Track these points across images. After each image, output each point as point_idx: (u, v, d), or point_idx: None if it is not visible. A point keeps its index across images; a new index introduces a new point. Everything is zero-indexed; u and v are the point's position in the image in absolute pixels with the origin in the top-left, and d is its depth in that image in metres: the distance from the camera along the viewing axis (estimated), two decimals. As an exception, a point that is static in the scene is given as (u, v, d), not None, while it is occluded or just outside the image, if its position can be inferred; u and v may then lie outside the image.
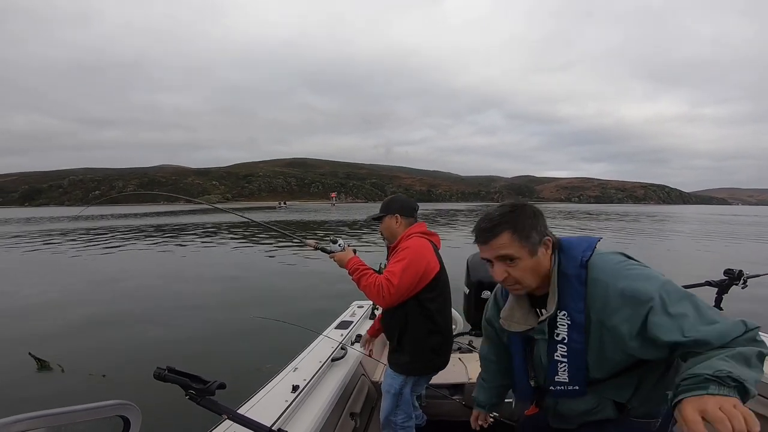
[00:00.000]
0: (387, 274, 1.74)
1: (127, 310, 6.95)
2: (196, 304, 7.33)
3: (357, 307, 3.02)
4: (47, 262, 13.06)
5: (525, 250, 1.05)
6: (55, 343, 5.27)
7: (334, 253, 1.93)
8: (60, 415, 0.70)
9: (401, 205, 1.99)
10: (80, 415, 0.74)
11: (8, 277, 10.27)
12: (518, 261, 1.05)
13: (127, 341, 5.38)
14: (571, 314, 1.06)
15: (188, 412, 1.16)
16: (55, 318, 6.51)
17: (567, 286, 1.06)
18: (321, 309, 6.04)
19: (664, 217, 50.20)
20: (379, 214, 2.00)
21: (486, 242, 1.07)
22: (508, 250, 1.05)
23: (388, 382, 1.95)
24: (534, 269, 1.07)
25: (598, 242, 1.10)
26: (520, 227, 1.05)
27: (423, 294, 1.81)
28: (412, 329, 1.85)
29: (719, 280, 2.46)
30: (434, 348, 1.88)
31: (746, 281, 2.40)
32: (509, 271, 1.06)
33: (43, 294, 8.22)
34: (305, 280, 9.27)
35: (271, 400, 1.59)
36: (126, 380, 4.05)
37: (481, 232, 1.08)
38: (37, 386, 4.07)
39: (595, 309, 1.02)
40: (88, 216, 49.98)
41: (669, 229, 26.77)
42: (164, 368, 1.06)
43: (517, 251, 1.05)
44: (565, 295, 1.06)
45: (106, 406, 0.80)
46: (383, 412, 1.94)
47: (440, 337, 1.88)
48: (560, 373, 1.12)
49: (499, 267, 1.07)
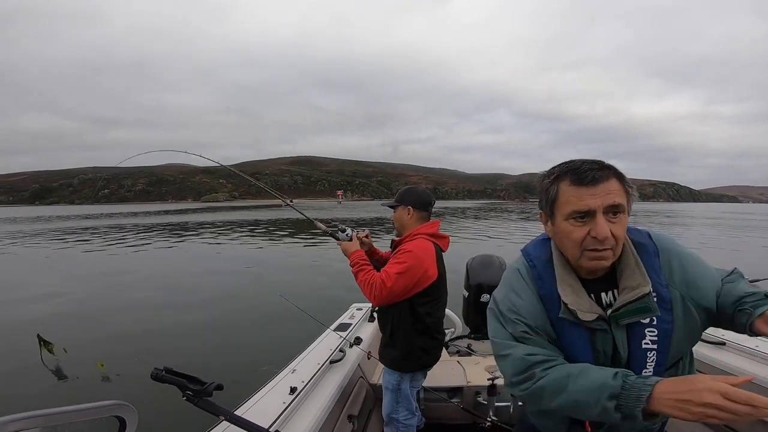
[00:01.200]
0: (383, 274, 1.77)
1: (125, 305, 7.04)
2: (201, 299, 7.39)
3: (356, 309, 3.01)
4: (78, 260, 13.15)
5: (626, 203, 0.89)
6: (55, 336, 5.23)
7: (341, 242, 2.00)
8: (55, 415, 0.70)
9: (416, 198, 1.97)
10: (76, 415, 0.74)
11: (16, 273, 10.41)
12: (621, 216, 0.88)
13: (126, 339, 5.39)
14: (657, 289, 0.90)
15: (185, 413, 1.17)
16: (55, 314, 6.60)
17: (644, 257, 0.93)
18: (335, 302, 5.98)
19: (674, 214, 49.42)
20: (393, 203, 2.01)
21: (596, 183, 0.86)
22: (618, 198, 0.86)
23: (386, 378, 2.00)
24: (624, 228, 0.90)
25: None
26: (623, 180, 0.89)
27: (415, 298, 1.84)
28: (403, 327, 1.89)
29: None
30: (423, 347, 1.91)
31: None
32: (612, 229, 0.86)
33: (51, 289, 8.34)
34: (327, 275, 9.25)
35: (268, 401, 1.58)
36: (123, 380, 4.05)
37: (589, 171, 0.87)
38: (32, 385, 4.06)
39: (675, 280, 0.92)
40: (103, 214, 50.46)
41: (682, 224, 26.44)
42: (161, 369, 1.06)
43: (624, 201, 0.88)
44: (648, 269, 0.91)
45: (101, 407, 0.80)
46: (385, 410, 1.99)
47: (428, 338, 1.91)
48: (648, 364, 0.91)
49: (603, 220, 0.85)
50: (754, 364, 2.08)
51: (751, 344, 2.19)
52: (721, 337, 2.34)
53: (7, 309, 7.16)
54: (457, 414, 2.31)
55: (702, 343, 2.35)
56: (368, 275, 1.80)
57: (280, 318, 5.83)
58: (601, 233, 0.84)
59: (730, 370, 2.11)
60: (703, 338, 2.38)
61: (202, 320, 6.29)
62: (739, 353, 2.18)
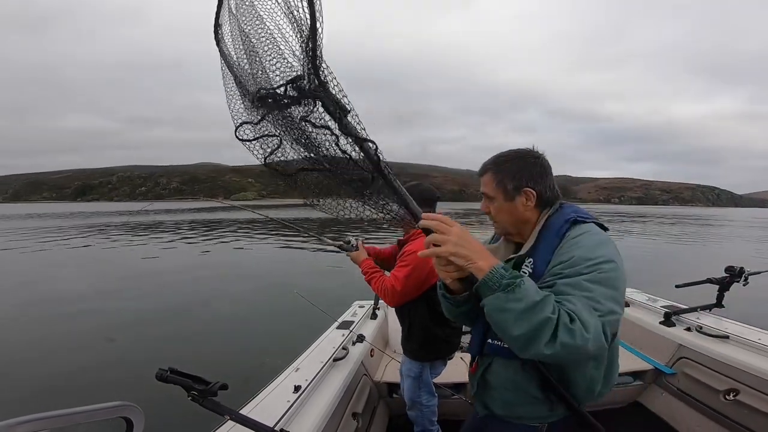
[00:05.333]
0: (392, 279, 1.89)
1: (136, 307, 6.90)
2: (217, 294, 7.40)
3: (358, 307, 3.01)
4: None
5: (500, 192, 1.13)
6: (57, 336, 5.33)
7: (350, 253, 2.13)
8: (62, 417, 0.72)
9: (417, 195, 1.98)
10: (83, 417, 0.75)
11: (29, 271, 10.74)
12: (494, 200, 1.15)
13: (132, 340, 5.34)
14: (535, 263, 1.07)
15: (191, 413, 1.17)
16: (65, 313, 6.54)
17: (546, 236, 1.09)
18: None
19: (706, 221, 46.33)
20: None
21: (480, 176, 1.18)
22: (486, 189, 1.15)
23: (407, 366, 2.10)
24: (510, 213, 1.14)
25: (600, 225, 1.09)
26: (500, 172, 1.13)
27: (430, 292, 1.89)
28: (419, 320, 1.98)
29: (720, 278, 2.48)
30: (441, 336, 2.00)
31: (747, 278, 2.41)
32: (489, 207, 1.16)
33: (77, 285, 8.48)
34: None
35: (273, 400, 1.60)
36: (129, 381, 3.99)
37: (482, 167, 1.20)
38: (37, 386, 4.02)
39: (556, 264, 1.01)
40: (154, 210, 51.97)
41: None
42: (166, 369, 1.07)
43: (493, 192, 1.14)
44: (540, 244, 1.08)
45: (108, 408, 0.82)
46: (407, 394, 2.10)
47: (447, 327, 1.99)
48: None
49: (483, 201, 1.18)
50: (757, 357, 2.04)
51: (754, 338, 2.16)
52: (724, 331, 2.29)
53: (26, 307, 7.13)
54: (462, 409, 2.28)
55: (705, 337, 2.32)
56: (379, 282, 1.95)
57: (284, 316, 5.83)
58: (481, 208, 1.20)
59: (734, 363, 2.08)
60: (706, 332, 2.34)
61: (205, 319, 6.25)
62: (742, 346, 2.16)
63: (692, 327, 2.45)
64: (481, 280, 0.91)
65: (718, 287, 2.50)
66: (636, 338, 2.74)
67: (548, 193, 1.13)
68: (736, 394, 2.05)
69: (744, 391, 2.02)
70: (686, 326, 2.49)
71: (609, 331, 0.90)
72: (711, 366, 2.21)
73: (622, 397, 2.51)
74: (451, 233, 0.92)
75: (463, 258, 0.91)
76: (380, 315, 2.90)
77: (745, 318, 2.51)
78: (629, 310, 2.90)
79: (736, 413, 2.04)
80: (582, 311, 0.87)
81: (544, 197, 1.12)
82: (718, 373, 2.16)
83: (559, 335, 0.84)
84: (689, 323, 2.49)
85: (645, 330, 2.68)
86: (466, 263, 0.92)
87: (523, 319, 0.85)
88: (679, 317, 2.58)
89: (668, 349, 2.49)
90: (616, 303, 0.93)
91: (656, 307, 2.77)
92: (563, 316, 0.86)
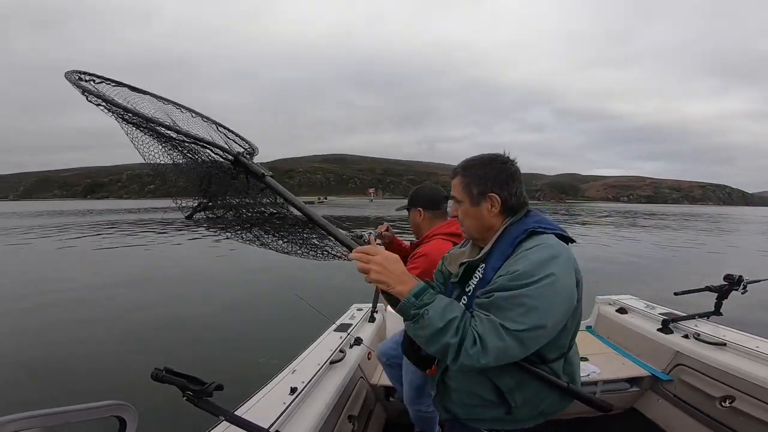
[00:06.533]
0: None
1: (130, 304, 6.86)
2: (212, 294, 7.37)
3: (356, 309, 3.01)
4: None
5: (467, 197, 1.16)
6: (52, 334, 5.26)
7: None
8: (55, 415, 0.72)
9: (424, 198, 1.94)
10: (75, 416, 0.75)
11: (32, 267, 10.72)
12: (461, 204, 1.18)
13: (128, 338, 5.27)
14: (486, 269, 1.10)
15: (185, 413, 1.18)
16: (53, 311, 6.48)
17: (500, 244, 1.11)
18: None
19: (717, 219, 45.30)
20: (405, 207, 2.01)
21: (452, 179, 1.22)
22: (455, 192, 1.20)
23: (410, 376, 1.99)
24: (475, 217, 1.16)
25: (564, 234, 1.11)
26: (468, 176, 1.17)
27: None
28: None
29: (719, 286, 2.48)
30: None
31: (746, 286, 2.40)
32: (458, 210, 1.20)
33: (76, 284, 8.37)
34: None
35: (268, 402, 1.59)
36: (124, 380, 3.93)
37: (454, 170, 1.23)
38: (29, 384, 4.01)
39: (503, 273, 1.02)
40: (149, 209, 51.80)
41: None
42: (161, 369, 1.06)
43: (461, 196, 1.18)
44: (495, 251, 1.11)
45: (101, 407, 0.82)
46: (407, 398, 2.01)
47: None
48: None
49: (453, 204, 1.23)
50: (754, 365, 2.03)
51: (751, 345, 2.15)
52: (722, 338, 2.28)
53: (25, 303, 7.02)
54: None
55: (703, 344, 2.31)
56: None
57: (282, 317, 5.81)
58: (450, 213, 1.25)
59: (730, 370, 2.07)
60: (704, 339, 2.33)
61: (202, 318, 6.21)
62: (740, 354, 2.15)
63: (690, 334, 2.44)
64: (399, 304, 1.02)
65: (716, 295, 2.50)
66: (633, 345, 2.74)
67: (513, 200, 1.14)
68: (732, 401, 2.04)
69: (740, 398, 2.01)
70: (684, 333, 2.48)
71: (532, 345, 0.98)
72: (708, 373, 2.20)
73: (619, 402, 2.50)
74: (372, 262, 1.03)
75: (384, 284, 1.02)
76: (378, 318, 2.90)
77: (743, 325, 2.50)
78: (627, 317, 2.90)
79: (731, 420, 2.04)
80: (487, 334, 0.95)
81: (508, 204, 1.14)
82: (715, 380, 2.15)
83: (460, 357, 0.96)
84: (687, 330, 2.49)
85: (643, 336, 2.67)
86: (387, 288, 1.03)
87: (429, 343, 1.00)
88: (677, 324, 2.57)
89: (665, 355, 2.48)
90: (546, 318, 0.97)
91: (654, 314, 2.77)
92: (467, 340, 0.96)
